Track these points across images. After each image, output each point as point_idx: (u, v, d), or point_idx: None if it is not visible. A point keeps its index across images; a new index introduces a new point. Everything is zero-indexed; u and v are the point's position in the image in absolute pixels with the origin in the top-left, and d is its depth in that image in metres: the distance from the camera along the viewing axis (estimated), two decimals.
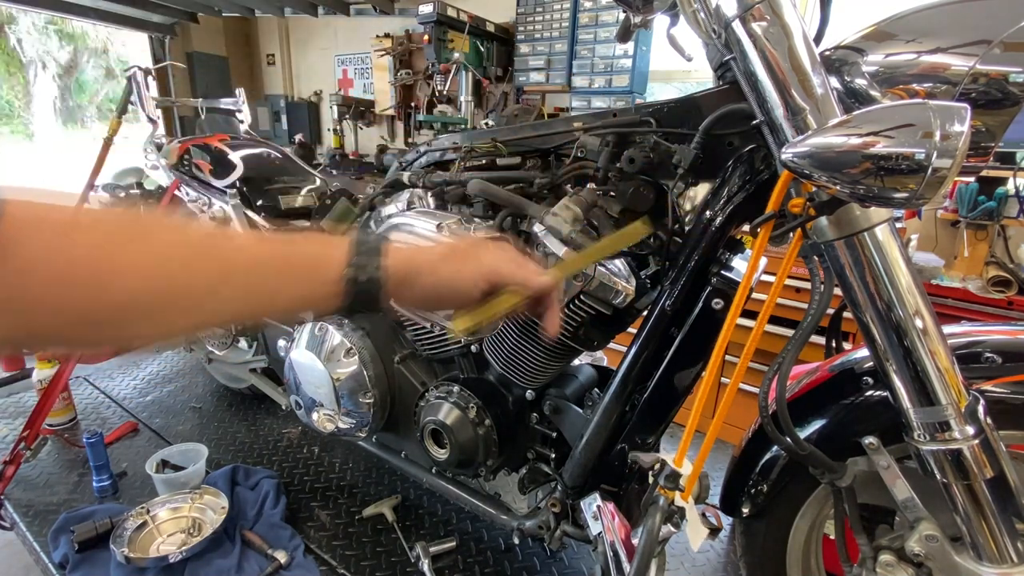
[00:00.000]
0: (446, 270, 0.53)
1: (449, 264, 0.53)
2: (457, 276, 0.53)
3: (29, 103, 15.86)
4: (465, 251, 0.55)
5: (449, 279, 0.53)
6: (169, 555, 1.26)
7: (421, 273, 0.52)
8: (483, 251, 0.54)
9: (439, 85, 3.40)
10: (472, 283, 0.53)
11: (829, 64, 0.70)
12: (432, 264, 0.53)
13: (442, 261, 0.53)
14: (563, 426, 1.10)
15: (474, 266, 0.53)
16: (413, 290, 0.52)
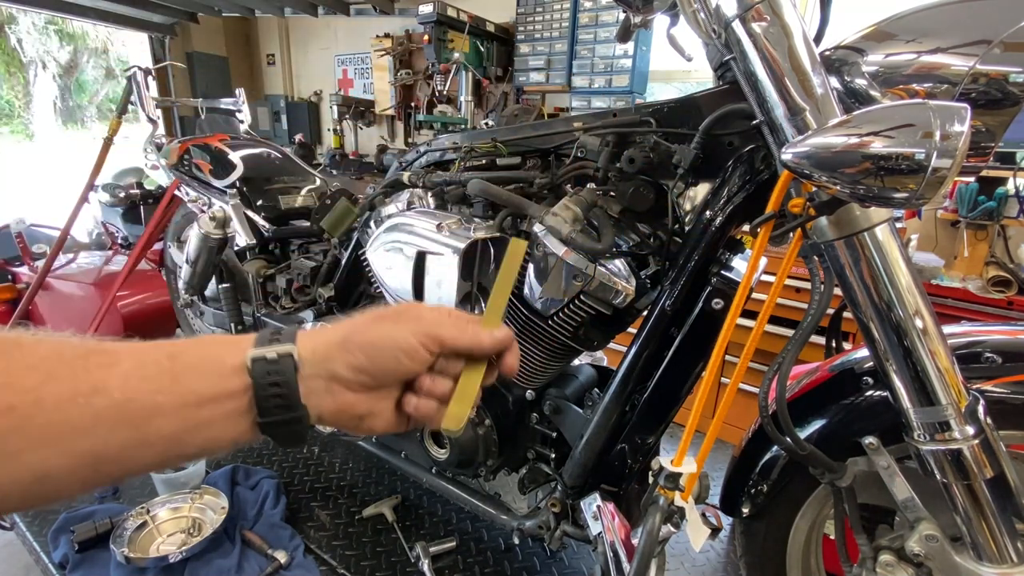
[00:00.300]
0: (379, 329, 0.43)
1: (383, 323, 0.44)
2: (394, 332, 0.43)
3: (29, 103, 15.86)
4: (399, 311, 0.45)
5: (386, 335, 0.43)
6: (169, 555, 1.26)
7: (351, 336, 0.42)
8: (421, 310, 0.46)
9: (439, 85, 3.40)
10: (413, 342, 0.43)
11: (829, 64, 0.70)
12: (363, 324, 0.44)
13: (374, 321, 0.44)
14: (563, 426, 1.10)
15: (413, 324, 0.44)
16: (345, 358, 0.42)
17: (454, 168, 1.10)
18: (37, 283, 2.26)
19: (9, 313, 2.34)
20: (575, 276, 0.90)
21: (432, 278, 1.01)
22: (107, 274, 2.35)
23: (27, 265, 2.54)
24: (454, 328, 0.45)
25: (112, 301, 2.14)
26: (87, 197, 2.34)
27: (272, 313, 1.62)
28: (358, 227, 1.30)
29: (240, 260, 1.70)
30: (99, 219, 3.22)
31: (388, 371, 0.43)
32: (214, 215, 1.64)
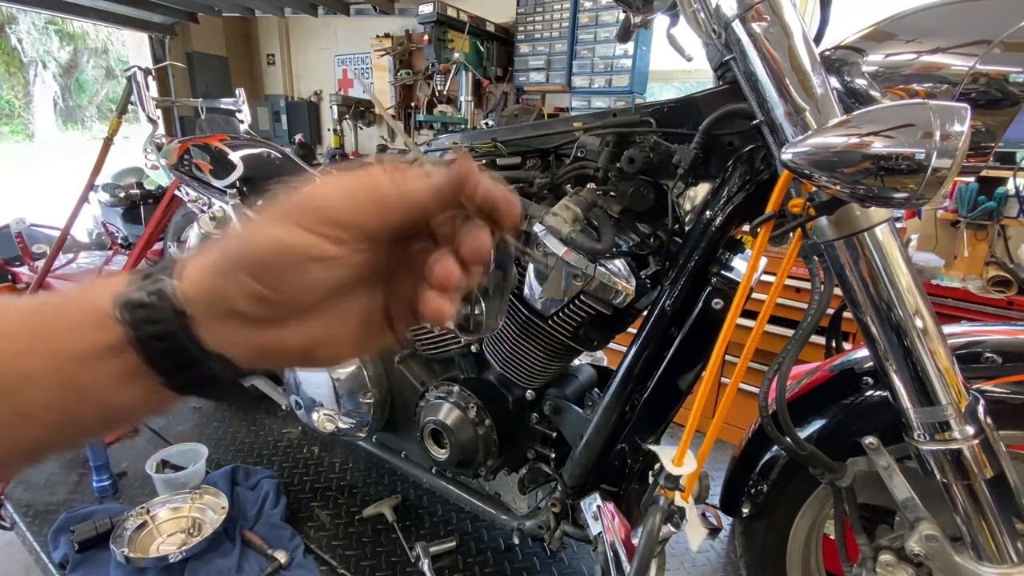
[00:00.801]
0: (258, 235, 0.29)
1: (262, 224, 0.29)
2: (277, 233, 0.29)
3: (29, 103, 15.87)
4: (285, 198, 0.30)
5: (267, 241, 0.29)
6: (169, 555, 1.26)
7: (229, 254, 0.29)
8: (308, 191, 0.30)
9: (439, 85, 3.40)
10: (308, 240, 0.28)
11: (829, 64, 0.70)
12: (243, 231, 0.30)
13: (250, 228, 0.29)
14: (563, 426, 1.10)
15: (299, 212, 0.29)
16: (233, 287, 0.29)
17: None
18: (37, 283, 2.26)
19: None
20: (575, 276, 0.90)
21: None
22: (107, 274, 2.34)
23: (27, 265, 2.54)
24: (367, 197, 0.29)
25: None
26: (87, 197, 2.34)
27: None
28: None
29: None
30: (99, 219, 3.23)
31: (298, 289, 0.29)
32: (214, 215, 1.64)
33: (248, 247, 0.29)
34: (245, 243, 0.29)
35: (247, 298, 0.29)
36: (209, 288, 0.29)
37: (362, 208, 0.29)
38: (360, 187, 0.29)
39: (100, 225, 3.18)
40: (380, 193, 0.29)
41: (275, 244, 0.28)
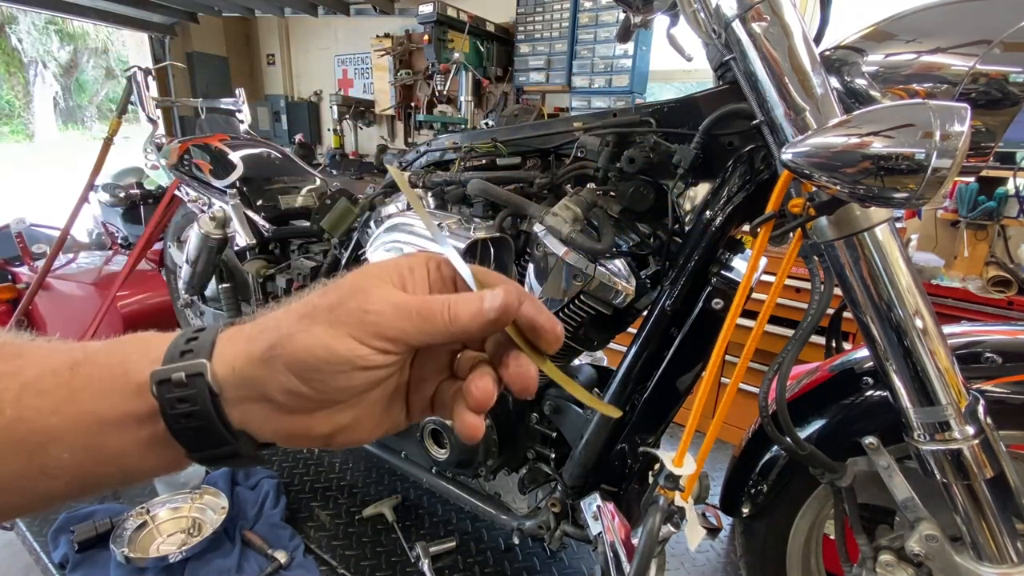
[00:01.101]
0: (308, 336, 0.29)
1: (314, 325, 0.30)
2: (328, 339, 0.29)
3: (29, 103, 15.87)
4: (337, 301, 0.30)
5: (318, 346, 0.29)
6: (169, 555, 1.27)
7: (275, 349, 0.30)
8: (367, 295, 0.31)
9: (439, 85, 3.40)
10: (359, 352, 0.29)
11: (829, 64, 0.70)
12: (289, 327, 0.30)
13: (303, 321, 0.30)
14: (563, 426, 1.10)
15: (355, 323, 0.30)
16: (273, 379, 0.30)
17: (454, 168, 1.10)
18: (37, 283, 2.26)
19: (9, 313, 2.34)
20: (575, 276, 0.90)
21: None
22: (107, 274, 2.35)
23: (27, 265, 2.54)
24: (417, 316, 0.30)
25: (112, 301, 2.14)
26: (87, 197, 2.34)
27: None
28: (358, 227, 1.30)
29: (240, 260, 1.70)
30: (99, 219, 3.22)
31: (338, 390, 0.30)
32: (214, 215, 1.64)
33: (298, 348, 0.30)
34: (295, 343, 0.30)
35: (286, 393, 0.30)
36: (249, 377, 0.31)
37: (412, 328, 0.30)
38: (414, 308, 0.31)
39: (100, 225, 3.18)
40: (432, 317, 0.30)
41: (326, 352, 0.29)
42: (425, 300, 0.31)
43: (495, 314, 0.31)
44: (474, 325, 0.31)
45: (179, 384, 0.30)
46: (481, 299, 0.31)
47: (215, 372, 0.30)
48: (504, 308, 0.31)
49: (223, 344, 0.32)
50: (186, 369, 0.30)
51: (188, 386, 0.30)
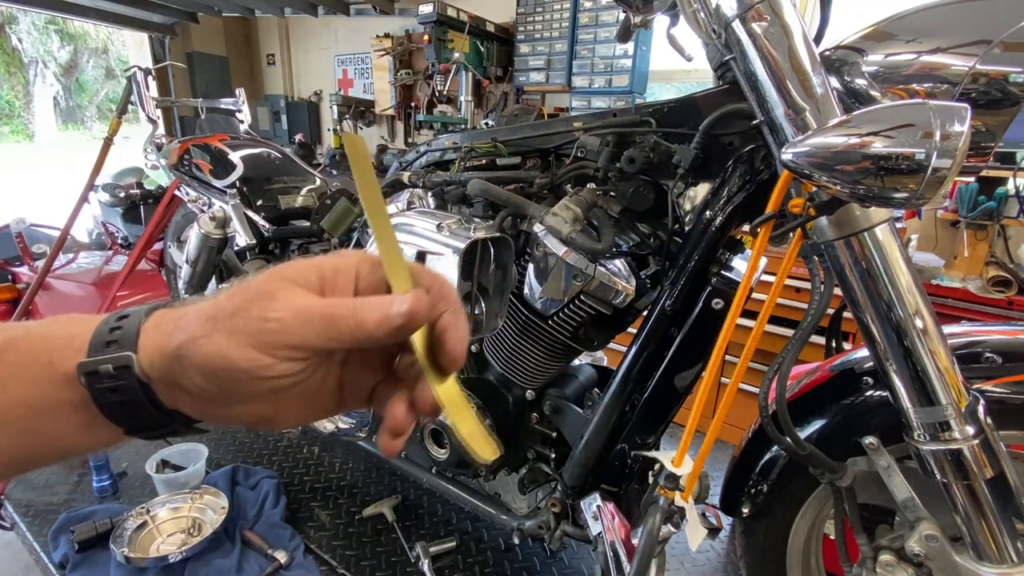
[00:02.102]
0: (212, 343, 0.29)
1: (216, 332, 0.29)
2: (229, 349, 0.29)
3: (29, 103, 15.87)
4: (242, 306, 0.30)
5: (219, 354, 0.29)
6: (169, 555, 1.26)
7: (183, 350, 0.30)
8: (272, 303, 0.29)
9: (439, 85, 3.40)
10: (261, 361, 0.29)
11: (829, 64, 0.70)
12: (197, 330, 0.30)
13: (208, 324, 0.30)
14: (563, 426, 1.10)
15: (254, 331, 0.29)
16: (185, 376, 0.30)
17: (454, 168, 1.10)
18: (37, 283, 2.26)
19: (9, 313, 2.34)
20: (575, 276, 0.90)
21: None
22: (107, 274, 2.35)
23: (27, 265, 2.54)
24: (321, 322, 0.29)
25: (112, 301, 2.14)
26: (87, 197, 2.34)
27: None
28: (358, 227, 1.30)
29: (240, 260, 1.70)
30: (99, 219, 3.23)
31: (247, 393, 0.30)
32: (214, 215, 1.63)
33: (199, 355, 0.29)
34: (197, 349, 0.29)
35: (199, 388, 0.30)
36: (166, 369, 0.30)
37: (315, 335, 0.29)
38: (318, 313, 0.29)
39: (100, 225, 3.18)
40: (336, 322, 0.29)
41: (224, 362, 0.29)
42: (330, 305, 0.30)
43: (401, 320, 0.30)
44: (380, 332, 0.30)
45: (107, 375, 0.30)
46: (390, 304, 0.30)
47: (140, 363, 0.30)
48: (410, 315, 0.30)
49: (146, 335, 0.31)
50: (113, 362, 0.30)
51: (116, 377, 0.30)
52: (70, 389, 0.30)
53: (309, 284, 0.31)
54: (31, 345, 0.31)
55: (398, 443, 0.33)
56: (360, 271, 0.33)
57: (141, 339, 0.31)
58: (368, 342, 0.30)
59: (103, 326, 0.32)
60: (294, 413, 0.34)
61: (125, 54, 9.84)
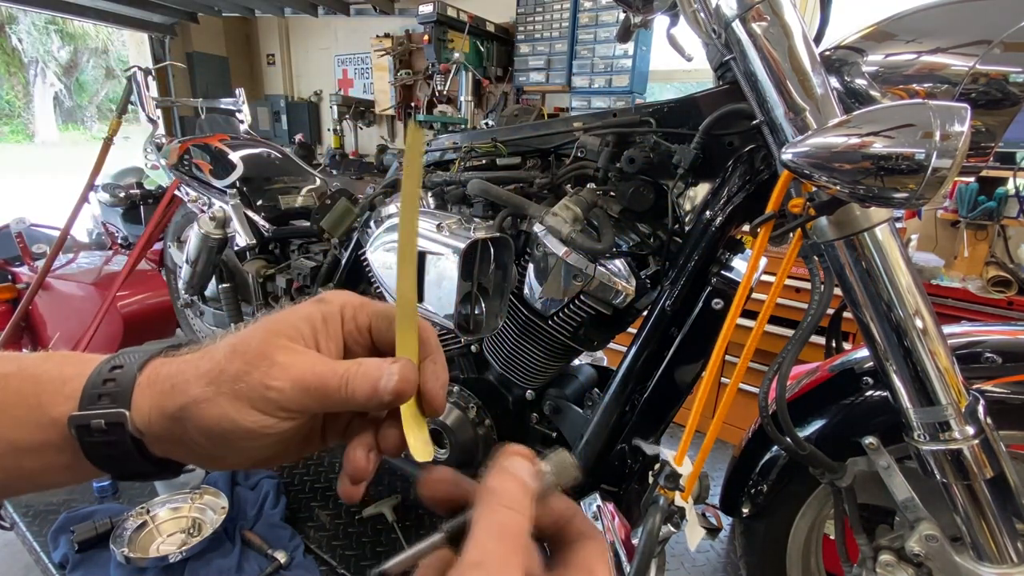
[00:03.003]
0: (214, 409, 0.30)
1: (219, 397, 0.30)
2: (232, 412, 0.30)
3: (29, 103, 15.88)
4: (244, 370, 0.31)
5: (222, 419, 0.30)
6: (169, 555, 1.26)
7: (185, 413, 0.30)
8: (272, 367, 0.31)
9: (439, 85, 3.40)
10: (262, 423, 0.30)
11: (829, 64, 0.70)
12: (199, 393, 0.30)
13: (211, 387, 0.30)
14: (563, 426, 1.10)
15: (257, 396, 0.30)
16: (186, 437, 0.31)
17: (454, 168, 1.10)
18: (37, 283, 2.26)
19: (9, 313, 2.33)
20: (575, 276, 0.90)
21: (432, 278, 1.01)
22: (107, 274, 2.35)
23: (27, 265, 2.53)
24: (316, 392, 0.31)
25: (112, 301, 2.14)
26: (87, 197, 2.34)
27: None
28: (358, 227, 1.30)
29: (240, 260, 1.70)
30: (99, 219, 3.22)
31: (248, 448, 0.32)
32: (214, 215, 1.64)
33: (204, 418, 0.30)
34: (202, 412, 0.30)
35: (199, 446, 0.31)
36: (165, 429, 0.31)
37: (312, 402, 0.31)
38: (313, 384, 0.31)
39: (100, 225, 3.18)
40: (330, 394, 0.31)
41: (232, 424, 0.30)
42: (322, 377, 0.31)
43: (389, 397, 0.31)
44: (371, 404, 0.32)
45: (99, 430, 0.30)
46: (378, 379, 0.31)
47: (133, 420, 0.31)
48: (397, 393, 0.31)
49: (140, 391, 0.32)
50: (106, 417, 0.30)
51: (108, 432, 0.31)
52: (56, 433, 0.31)
53: (304, 338, 0.33)
54: (21, 384, 0.31)
55: (359, 489, 0.34)
56: (344, 314, 0.35)
57: (135, 395, 0.31)
58: (359, 409, 0.33)
59: (96, 375, 0.32)
60: (286, 455, 0.36)
61: (125, 54, 9.84)
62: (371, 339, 0.35)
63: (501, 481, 0.28)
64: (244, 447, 0.32)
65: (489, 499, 0.27)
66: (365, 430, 0.35)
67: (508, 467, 0.28)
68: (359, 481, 0.34)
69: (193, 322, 2.09)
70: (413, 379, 0.32)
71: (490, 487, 0.27)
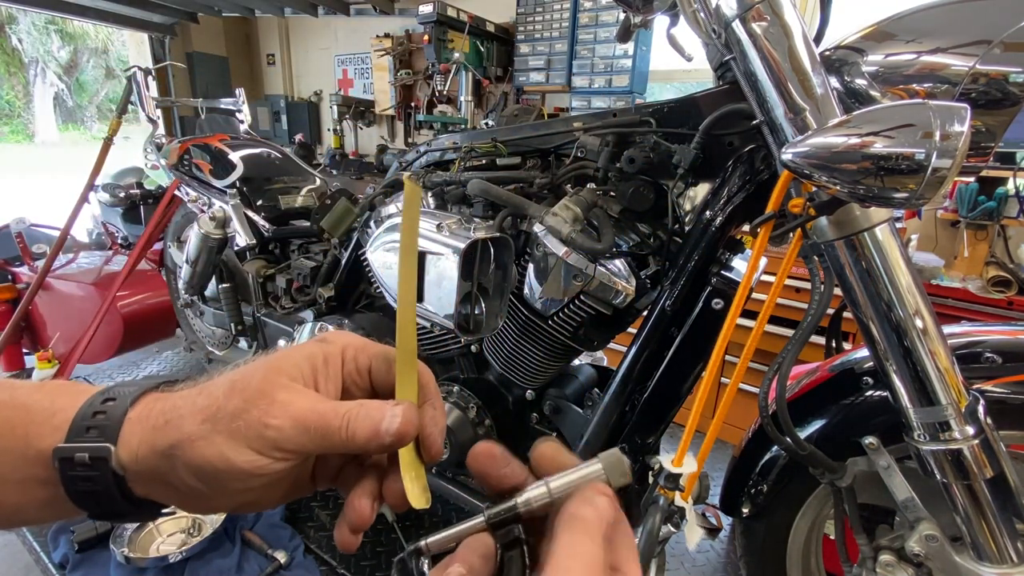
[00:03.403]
0: (210, 447, 0.29)
1: (215, 434, 0.30)
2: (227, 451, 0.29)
3: (29, 103, 15.88)
4: (241, 407, 0.30)
5: (216, 458, 0.29)
6: (169, 555, 1.27)
7: (177, 450, 0.30)
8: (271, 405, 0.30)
9: (439, 85, 3.40)
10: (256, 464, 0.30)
11: (829, 64, 0.70)
12: (193, 430, 0.30)
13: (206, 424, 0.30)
14: (563, 426, 1.10)
15: (254, 435, 0.30)
16: (175, 475, 0.30)
17: (454, 168, 1.10)
18: (37, 283, 2.26)
19: (9, 313, 2.33)
20: (575, 276, 0.90)
21: (432, 278, 1.01)
22: (107, 274, 2.34)
23: (27, 265, 2.53)
24: (316, 432, 0.30)
25: (112, 301, 2.14)
26: (87, 197, 2.34)
27: (272, 313, 1.62)
28: (358, 227, 1.30)
29: (240, 260, 1.70)
30: (99, 219, 3.22)
31: (237, 490, 0.31)
32: (214, 215, 1.64)
33: (197, 456, 0.30)
34: (195, 451, 0.30)
35: (187, 487, 0.31)
36: (152, 467, 0.30)
37: (310, 443, 0.30)
38: (313, 424, 0.30)
39: (100, 225, 3.18)
40: (330, 435, 0.30)
41: (225, 464, 0.30)
42: (324, 416, 0.31)
43: (390, 439, 0.31)
44: (371, 446, 0.31)
45: (82, 464, 0.30)
46: (380, 421, 0.31)
47: (119, 455, 0.30)
48: (399, 436, 0.31)
49: (130, 426, 0.31)
50: (90, 451, 0.30)
51: (91, 467, 0.30)
52: (40, 467, 0.30)
53: (304, 377, 0.32)
54: (11, 413, 0.31)
55: (357, 539, 0.33)
56: (345, 355, 0.35)
57: (124, 430, 0.31)
58: (358, 452, 0.33)
59: (87, 407, 0.31)
60: (274, 498, 0.35)
61: (125, 54, 9.84)
62: (370, 382, 0.35)
63: (590, 512, 0.27)
64: (233, 488, 0.31)
65: (576, 526, 0.27)
66: (364, 477, 0.34)
67: (595, 501, 0.28)
68: (360, 531, 0.33)
69: (193, 322, 2.09)
70: (416, 422, 0.32)
71: (582, 516, 0.27)
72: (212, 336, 2.00)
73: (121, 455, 0.30)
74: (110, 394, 0.32)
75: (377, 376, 0.35)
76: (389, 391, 0.34)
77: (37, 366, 2.06)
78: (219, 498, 0.32)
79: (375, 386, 0.35)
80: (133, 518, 0.33)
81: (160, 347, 2.74)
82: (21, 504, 0.31)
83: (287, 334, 1.52)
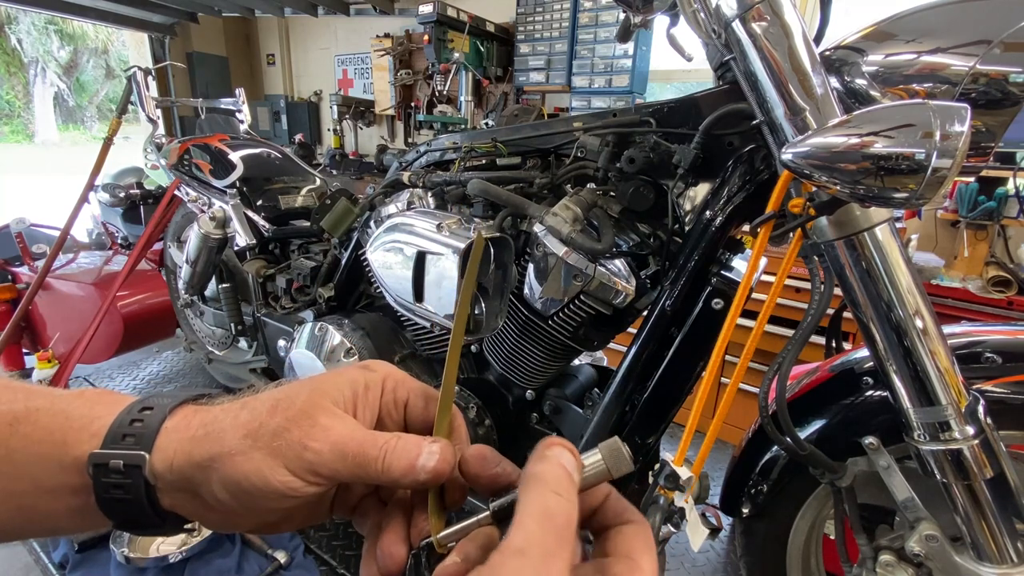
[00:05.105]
0: (248, 463, 0.30)
1: (254, 451, 0.30)
2: (265, 469, 0.30)
3: (29, 103, 15.88)
4: (284, 426, 0.30)
5: (253, 474, 0.30)
6: (169, 555, 1.27)
7: (215, 464, 0.30)
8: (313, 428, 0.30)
9: (439, 85, 3.40)
10: (291, 485, 0.30)
11: (829, 64, 0.70)
12: (233, 445, 0.30)
13: (247, 441, 0.30)
14: (563, 426, 1.10)
15: (293, 456, 0.30)
16: (208, 488, 0.30)
17: (454, 168, 1.10)
18: (37, 283, 2.26)
19: (9, 313, 2.33)
20: (575, 276, 0.90)
21: (432, 278, 1.01)
22: (107, 274, 2.34)
23: (27, 265, 2.53)
24: (353, 460, 0.30)
25: (112, 301, 2.14)
26: (87, 197, 2.34)
27: (272, 313, 1.62)
28: (358, 227, 1.30)
29: (240, 260, 1.70)
30: (99, 219, 3.22)
31: (266, 509, 0.31)
32: (214, 215, 1.64)
33: (235, 472, 0.30)
34: (234, 465, 0.30)
35: (217, 501, 0.31)
36: (186, 476, 0.31)
37: (345, 470, 0.31)
38: (351, 452, 0.30)
39: (100, 225, 3.18)
40: (366, 464, 0.31)
41: (262, 482, 0.30)
42: (362, 445, 0.31)
43: (425, 476, 0.31)
44: (405, 481, 0.31)
45: (116, 471, 0.30)
46: (417, 456, 0.31)
47: (153, 464, 0.30)
48: (435, 473, 0.31)
49: (167, 435, 0.31)
50: (125, 458, 0.30)
51: (124, 475, 0.30)
52: (75, 474, 0.30)
53: (345, 402, 0.32)
54: (51, 419, 0.31)
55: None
56: (385, 386, 0.35)
57: (160, 439, 0.31)
58: (392, 485, 0.32)
59: (124, 415, 0.32)
60: (294, 522, 0.35)
61: (125, 54, 9.84)
62: (404, 416, 0.35)
63: (546, 467, 0.27)
64: (261, 507, 0.31)
65: (534, 484, 0.26)
66: (392, 519, 0.34)
67: (552, 455, 0.28)
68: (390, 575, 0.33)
69: (193, 322, 2.09)
70: (452, 461, 0.32)
71: (535, 472, 0.27)
72: (212, 336, 2.00)
73: (155, 464, 0.30)
74: (147, 403, 0.33)
75: (412, 411, 0.35)
76: (421, 427, 0.35)
77: (37, 366, 2.06)
78: (245, 516, 0.32)
79: (408, 421, 0.35)
80: (156, 531, 0.33)
81: (160, 347, 2.74)
82: (51, 511, 0.31)
83: (287, 334, 1.52)
